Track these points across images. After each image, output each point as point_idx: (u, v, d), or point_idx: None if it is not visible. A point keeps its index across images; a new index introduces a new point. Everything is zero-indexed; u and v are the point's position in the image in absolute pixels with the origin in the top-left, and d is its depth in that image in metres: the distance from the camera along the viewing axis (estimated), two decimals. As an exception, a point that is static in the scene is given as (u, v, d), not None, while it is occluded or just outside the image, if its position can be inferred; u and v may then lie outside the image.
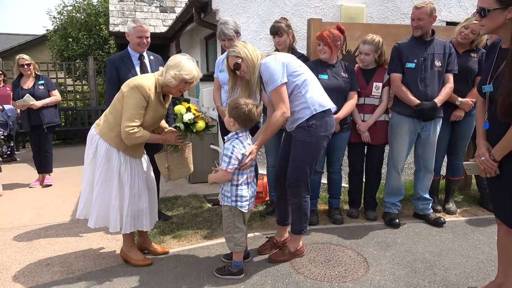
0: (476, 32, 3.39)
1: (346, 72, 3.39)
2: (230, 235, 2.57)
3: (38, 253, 3.08)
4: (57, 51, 10.93)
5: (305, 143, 2.65)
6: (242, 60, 2.56)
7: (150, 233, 3.24)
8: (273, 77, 2.51)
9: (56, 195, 4.68)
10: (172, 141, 2.74)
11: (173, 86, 2.56)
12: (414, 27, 3.27)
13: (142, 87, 2.49)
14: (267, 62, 2.54)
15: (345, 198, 3.94)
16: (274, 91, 2.53)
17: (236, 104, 2.48)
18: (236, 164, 2.45)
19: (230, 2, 4.21)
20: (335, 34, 3.25)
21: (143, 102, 2.52)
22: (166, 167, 2.79)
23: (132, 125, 2.49)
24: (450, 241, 3.18)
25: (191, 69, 2.56)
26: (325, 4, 4.49)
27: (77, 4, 11.13)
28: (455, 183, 3.96)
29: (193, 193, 4.51)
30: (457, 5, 4.87)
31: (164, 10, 7.94)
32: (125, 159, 2.64)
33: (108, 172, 2.61)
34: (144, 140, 2.58)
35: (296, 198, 2.78)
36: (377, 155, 3.63)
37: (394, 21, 4.70)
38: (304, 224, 2.85)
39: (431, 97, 3.28)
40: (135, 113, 2.50)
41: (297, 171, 2.71)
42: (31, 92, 4.81)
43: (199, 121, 2.69)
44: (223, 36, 3.36)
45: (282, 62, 2.56)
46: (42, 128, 4.92)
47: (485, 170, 2.08)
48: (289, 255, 2.86)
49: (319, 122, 2.62)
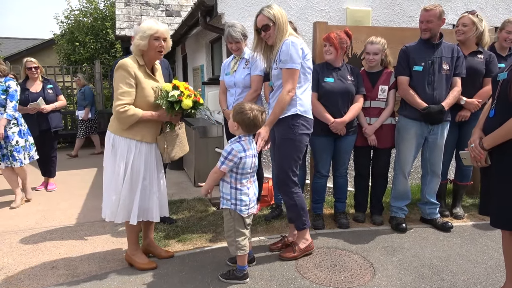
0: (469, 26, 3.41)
1: (352, 75, 3.37)
2: (232, 239, 2.55)
3: (43, 256, 3.09)
4: (64, 55, 11.03)
5: (289, 140, 2.74)
6: (273, 24, 2.66)
7: (155, 236, 3.23)
8: (293, 58, 2.62)
9: (62, 198, 4.69)
10: (166, 118, 2.71)
11: (146, 48, 2.59)
12: (423, 30, 3.25)
13: (123, 63, 2.56)
14: (294, 42, 2.64)
15: (351, 202, 3.91)
16: (289, 70, 2.63)
17: (241, 109, 2.47)
18: (230, 165, 2.43)
19: (235, 6, 4.21)
20: (342, 37, 3.26)
21: (127, 78, 2.55)
22: (165, 147, 2.77)
23: (121, 103, 2.53)
24: (458, 246, 3.13)
25: (150, 24, 2.61)
26: (331, 7, 4.49)
27: (84, 8, 11.23)
28: (463, 188, 3.91)
29: (198, 197, 4.50)
30: (464, 8, 4.83)
31: (170, 14, 7.98)
32: (141, 150, 2.66)
33: (120, 162, 2.63)
34: (137, 117, 2.58)
35: (287, 196, 2.84)
36: (384, 158, 3.60)
37: (400, 24, 4.68)
38: (304, 218, 2.89)
39: (438, 100, 3.25)
40: (122, 92, 2.54)
41: (283, 168, 2.78)
42: (42, 95, 4.78)
43: (184, 99, 2.62)
44: (231, 39, 3.36)
45: (303, 51, 2.68)
46: (49, 132, 4.89)
47: (475, 158, 2.18)
48: (298, 252, 2.89)
49: (301, 121, 2.73)
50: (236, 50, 3.44)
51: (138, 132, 2.65)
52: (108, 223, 3.71)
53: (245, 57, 3.50)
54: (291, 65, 2.62)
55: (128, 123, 2.59)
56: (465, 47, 3.51)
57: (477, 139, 2.16)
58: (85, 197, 4.72)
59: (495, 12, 5.02)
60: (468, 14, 3.45)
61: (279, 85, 2.75)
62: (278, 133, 2.81)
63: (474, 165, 2.25)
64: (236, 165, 2.44)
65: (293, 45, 2.63)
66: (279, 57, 2.68)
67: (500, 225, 2.11)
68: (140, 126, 2.65)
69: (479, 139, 2.16)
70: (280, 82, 2.74)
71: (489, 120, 2.15)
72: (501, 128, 2.02)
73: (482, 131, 2.20)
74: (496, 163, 2.11)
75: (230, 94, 3.57)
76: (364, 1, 4.56)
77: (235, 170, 2.46)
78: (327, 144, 3.40)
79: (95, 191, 4.96)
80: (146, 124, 2.67)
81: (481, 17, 3.48)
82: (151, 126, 2.71)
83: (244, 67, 3.46)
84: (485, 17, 4.91)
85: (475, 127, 2.26)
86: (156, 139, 2.77)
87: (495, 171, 2.11)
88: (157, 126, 2.77)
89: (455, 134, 3.64)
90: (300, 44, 2.67)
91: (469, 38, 3.47)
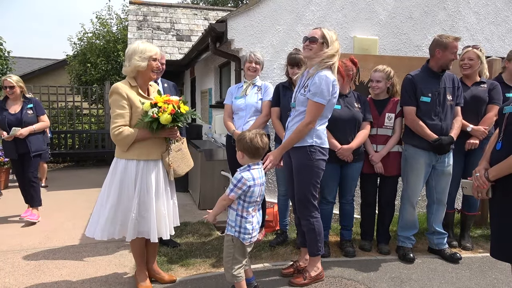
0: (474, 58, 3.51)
1: (359, 102, 3.40)
2: (228, 265, 2.51)
3: (45, 277, 3.06)
4: (75, 76, 11.25)
5: (308, 166, 2.77)
6: (322, 44, 2.70)
7: (158, 260, 3.19)
8: (324, 92, 2.65)
9: (67, 218, 4.68)
10: (163, 134, 2.70)
11: (144, 69, 2.63)
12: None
13: (114, 87, 2.60)
14: (328, 77, 2.66)
15: (357, 230, 3.85)
16: (315, 104, 2.66)
17: (240, 136, 2.52)
18: (239, 193, 2.42)
19: (245, 33, 4.31)
20: (347, 65, 3.31)
21: (120, 101, 2.58)
22: (170, 164, 2.76)
23: (115, 126, 2.56)
24: (467, 279, 3.06)
25: (149, 46, 2.65)
26: (339, 35, 4.50)
27: (97, 31, 11.54)
28: (471, 218, 3.85)
29: (202, 220, 4.46)
30: (470, 39, 4.90)
31: (180, 39, 8.17)
32: (148, 168, 2.66)
33: (124, 184, 2.63)
34: (133, 137, 2.58)
35: (307, 220, 2.85)
36: (391, 186, 3.57)
37: (407, 53, 4.74)
38: (320, 244, 2.89)
39: (446, 131, 3.26)
40: (116, 115, 2.58)
41: (303, 193, 2.81)
42: (19, 117, 4.37)
43: (161, 115, 2.55)
44: (252, 58, 3.54)
45: (333, 88, 2.70)
46: (27, 156, 4.41)
47: (477, 188, 2.17)
48: (309, 279, 2.88)
49: (318, 149, 2.79)
50: (253, 71, 3.55)
51: (143, 151, 2.65)
52: (111, 245, 3.69)
53: (257, 84, 3.62)
54: (319, 99, 2.66)
55: (126, 144, 2.60)
56: (469, 79, 3.60)
57: (482, 169, 2.16)
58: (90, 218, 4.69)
59: (501, 43, 5.08)
60: (473, 49, 3.51)
61: (301, 111, 2.77)
62: (296, 160, 2.82)
63: (474, 196, 2.23)
64: (244, 193, 2.43)
65: (327, 80, 2.65)
66: (309, 87, 2.70)
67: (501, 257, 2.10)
68: (143, 145, 2.66)
69: (485, 170, 2.15)
70: (303, 108, 2.76)
71: (496, 152, 2.14)
72: (507, 160, 2.02)
73: (488, 163, 2.19)
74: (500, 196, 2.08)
75: (239, 117, 3.61)
76: (371, 30, 4.65)
77: (243, 198, 2.46)
78: (334, 171, 3.38)
79: (100, 211, 4.93)
80: (148, 142, 2.67)
81: (483, 51, 3.57)
82: (154, 143, 2.71)
83: (256, 92, 3.60)
84: (492, 48, 4.99)
85: (482, 159, 2.25)
86: (154, 155, 2.73)
87: (499, 204, 2.09)
88: (161, 142, 2.76)
89: (461, 164, 3.62)
90: (333, 81, 2.70)
91: (475, 70, 3.56)
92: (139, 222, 2.65)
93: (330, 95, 2.69)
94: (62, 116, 9.35)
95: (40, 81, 12.79)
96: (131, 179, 2.62)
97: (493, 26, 5.05)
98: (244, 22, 4.29)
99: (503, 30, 5.09)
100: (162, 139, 2.75)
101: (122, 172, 2.64)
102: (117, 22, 11.92)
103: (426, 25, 4.80)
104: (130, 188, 2.63)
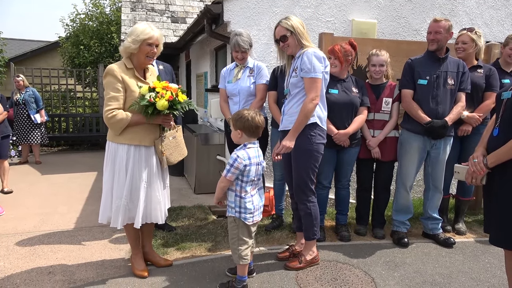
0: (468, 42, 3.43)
1: (356, 87, 3.36)
2: (235, 246, 2.52)
3: (41, 260, 3.05)
4: (68, 58, 11.05)
5: (307, 150, 2.76)
6: (291, 34, 2.71)
7: (154, 243, 3.19)
8: (316, 68, 2.66)
9: (62, 202, 4.66)
10: (157, 121, 2.66)
11: (136, 51, 2.56)
12: (430, 40, 3.25)
13: (109, 69, 2.54)
14: (316, 52, 2.69)
15: (353, 215, 3.87)
16: (312, 79, 2.66)
17: (238, 115, 2.48)
18: (236, 173, 2.41)
19: (242, 15, 4.22)
20: (346, 49, 3.24)
21: (114, 84, 2.52)
22: (162, 151, 2.71)
23: (109, 108, 2.51)
24: (460, 263, 3.09)
25: (144, 28, 2.56)
26: (337, 19, 4.49)
27: (90, 12, 11.29)
28: (466, 203, 3.87)
29: (198, 204, 4.46)
30: (469, 23, 4.84)
31: (175, 21, 8.01)
32: (140, 154, 2.62)
33: (115, 168, 2.61)
34: (126, 121, 2.54)
35: (304, 204, 2.87)
36: (387, 171, 3.57)
37: (405, 37, 4.68)
38: (316, 229, 2.91)
39: (442, 115, 3.23)
40: (109, 97, 2.52)
41: (301, 177, 2.82)
42: None
43: (158, 100, 2.51)
44: (237, 48, 3.36)
45: (325, 61, 2.72)
46: None
47: (472, 174, 2.15)
48: (304, 263, 2.90)
49: (318, 131, 2.76)
50: (241, 59, 3.44)
51: (135, 136, 2.61)
52: (107, 229, 3.68)
53: (249, 66, 3.50)
54: (314, 74, 2.66)
55: (119, 128, 2.55)
56: (465, 63, 3.52)
57: (480, 156, 2.14)
58: (85, 201, 4.69)
59: (500, 28, 5.03)
60: (467, 32, 3.46)
61: (296, 93, 2.78)
62: (296, 145, 2.79)
63: (467, 182, 2.21)
64: (241, 173, 2.42)
65: (316, 55, 2.67)
66: (300, 66, 2.71)
67: (500, 244, 2.09)
68: (136, 130, 2.61)
69: (482, 156, 2.14)
70: (297, 90, 2.76)
71: (493, 139, 2.13)
72: (505, 146, 2.00)
73: (485, 149, 2.18)
74: (498, 183, 2.08)
75: (234, 102, 3.55)
76: (369, 13, 4.57)
77: (240, 178, 2.45)
78: (330, 156, 3.37)
79: (95, 195, 4.92)
80: (141, 127, 2.63)
81: (479, 33, 3.48)
82: (147, 129, 2.66)
83: (249, 76, 3.46)
84: (491, 32, 4.94)
85: (478, 145, 2.24)
86: (147, 141, 2.69)
87: (497, 190, 2.08)
88: (154, 128, 2.71)
89: (457, 149, 3.61)
90: (322, 55, 2.72)
91: (470, 54, 3.49)
92: (129, 209, 2.64)
93: (323, 68, 2.71)
94: (56, 99, 9.23)
95: (32, 63, 12.55)
96: (122, 165, 2.59)
97: (493, 11, 4.99)
98: (240, 4, 4.20)
99: (503, 14, 5.03)
100: (156, 125, 2.70)
101: (113, 155, 2.61)
102: (111, 3, 11.66)
103: (425, 9, 4.73)
104: (121, 174, 2.60)
